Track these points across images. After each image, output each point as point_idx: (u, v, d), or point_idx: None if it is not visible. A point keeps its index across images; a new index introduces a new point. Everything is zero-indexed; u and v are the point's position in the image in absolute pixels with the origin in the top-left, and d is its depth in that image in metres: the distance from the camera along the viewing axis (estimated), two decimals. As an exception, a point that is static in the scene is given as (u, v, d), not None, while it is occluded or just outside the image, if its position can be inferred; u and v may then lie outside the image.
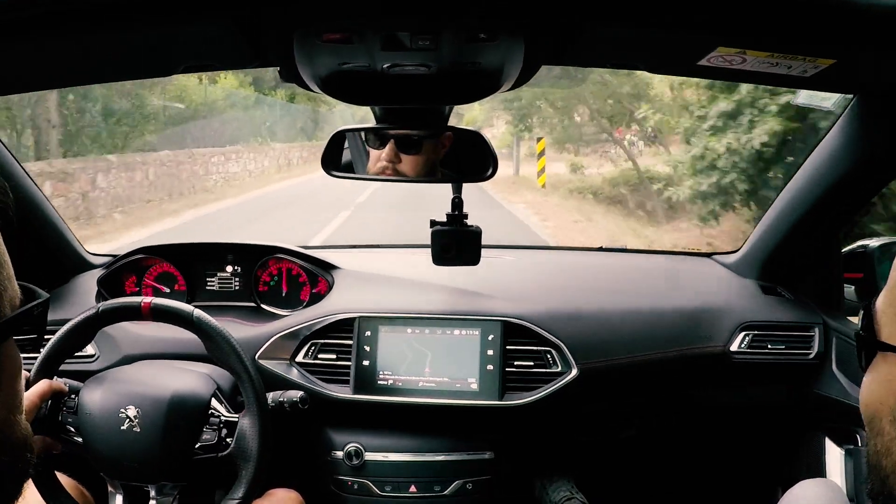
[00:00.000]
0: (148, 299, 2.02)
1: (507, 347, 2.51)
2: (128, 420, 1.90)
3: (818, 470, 2.58)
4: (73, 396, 2.02)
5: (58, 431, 1.99)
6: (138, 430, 1.90)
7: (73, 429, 1.99)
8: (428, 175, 2.25)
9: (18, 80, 1.76)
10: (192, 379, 2.10)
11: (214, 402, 2.05)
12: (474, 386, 2.47)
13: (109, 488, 2.09)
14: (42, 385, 1.95)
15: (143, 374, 2.11)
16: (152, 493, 2.02)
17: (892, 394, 1.04)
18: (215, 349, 2.03)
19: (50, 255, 2.89)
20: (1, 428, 1.07)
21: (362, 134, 2.25)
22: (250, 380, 1.99)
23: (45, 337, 2.10)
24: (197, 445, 1.97)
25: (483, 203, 17.90)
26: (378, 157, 2.23)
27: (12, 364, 1.10)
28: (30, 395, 1.90)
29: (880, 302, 1.11)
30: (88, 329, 2.05)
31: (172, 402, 1.96)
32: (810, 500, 1.79)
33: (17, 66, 1.57)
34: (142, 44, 1.51)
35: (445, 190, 2.38)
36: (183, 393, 2.00)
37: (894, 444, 1.03)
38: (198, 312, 2.03)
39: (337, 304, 2.66)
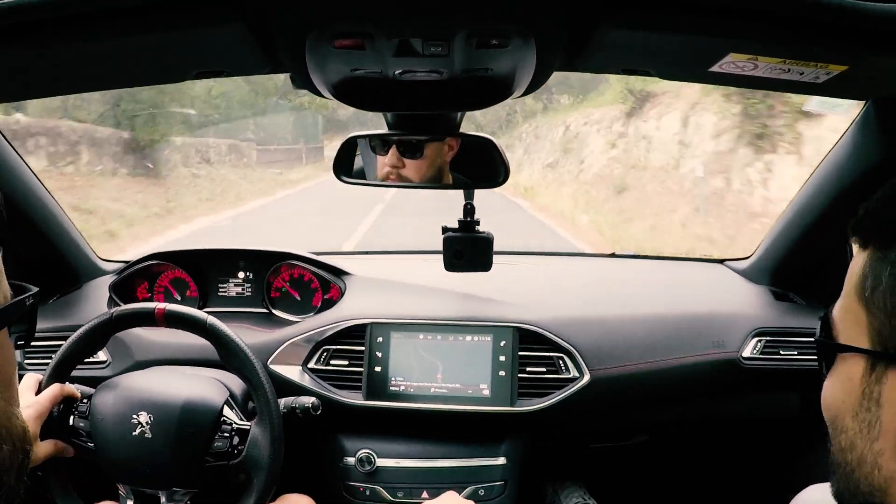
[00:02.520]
0: (162, 305, 2.02)
1: (520, 353, 2.51)
2: (140, 426, 1.90)
3: (829, 477, 2.58)
4: (84, 401, 2.02)
5: (69, 436, 1.99)
6: (150, 436, 1.90)
7: (84, 433, 1.99)
8: (435, 179, 2.25)
9: (30, 86, 1.77)
10: (204, 386, 2.09)
11: (226, 410, 2.05)
12: (486, 392, 2.47)
13: (120, 493, 2.09)
14: (53, 389, 1.96)
15: (156, 381, 2.10)
16: (163, 500, 2.03)
17: (851, 392, 1.11)
18: (229, 357, 2.03)
19: (62, 262, 2.91)
20: (0, 419, 1.08)
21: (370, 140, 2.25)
22: (263, 388, 1.99)
23: (57, 342, 2.12)
24: (208, 453, 1.96)
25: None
26: (383, 163, 2.23)
27: (6, 356, 1.11)
28: (41, 400, 1.91)
29: (836, 309, 1.18)
30: (102, 334, 2.05)
31: (184, 408, 1.96)
32: None
33: (28, 71, 1.58)
34: (154, 49, 1.51)
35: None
36: (195, 400, 2.00)
37: (857, 437, 1.09)
38: (211, 319, 2.03)
39: (349, 310, 2.67)
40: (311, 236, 15.44)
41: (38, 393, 1.95)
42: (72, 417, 2.01)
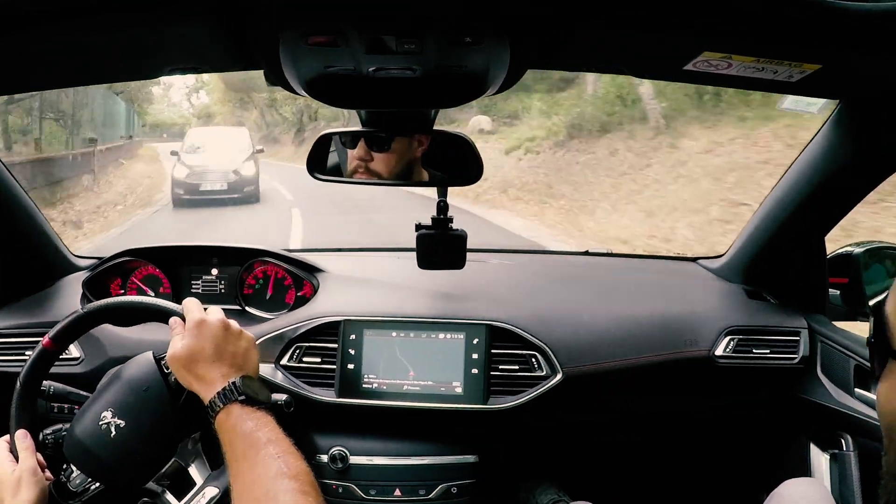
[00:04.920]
0: (46, 337, 1.99)
1: (492, 351, 2.51)
2: (111, 425, 1.87)
3: (803, 475, 2.59)
4: (65, 467, 1.97)
5: (80, 499, 1.95)
6: (123, 422, 1.87)
7: (86, 484, 1.95)
8: (406, 174, 2.24)
9: (1, 81, 1.76)
10: (132, 359, 2.04)
11: (160, 357, 2.00)
12: (459, 390, 2.47)
13: (155, 498, 2.08)
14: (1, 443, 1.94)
15: (97, 390, 2.06)
16: (183, 464, 2.04)
17: None
18: (121, 314, 2.05)
19: (35, 258, 2.89)
20: None
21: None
22: (160, 303, 2.00)
23: (30, 339, 2.08)
24: (175, 392, 1.93)
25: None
26: (352, 157, 2.23)
27: None
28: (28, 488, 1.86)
29: (891, 308, 1.08)
30: (30, 398, 2.00)
31: (128, 380, 1.93)
32: (797, 499, 1.80)
33: (1, 66, 1.57)
34: (127, 45, 1.51)
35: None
36: (131, 368, 1.97)
37: None
38: (86, 307, 2.01)
39: (322, 307, 2.67)
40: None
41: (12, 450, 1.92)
42: (67, 484, 1.96)
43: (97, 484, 1.94)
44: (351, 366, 2.52)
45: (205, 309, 1.93)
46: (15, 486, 1.81)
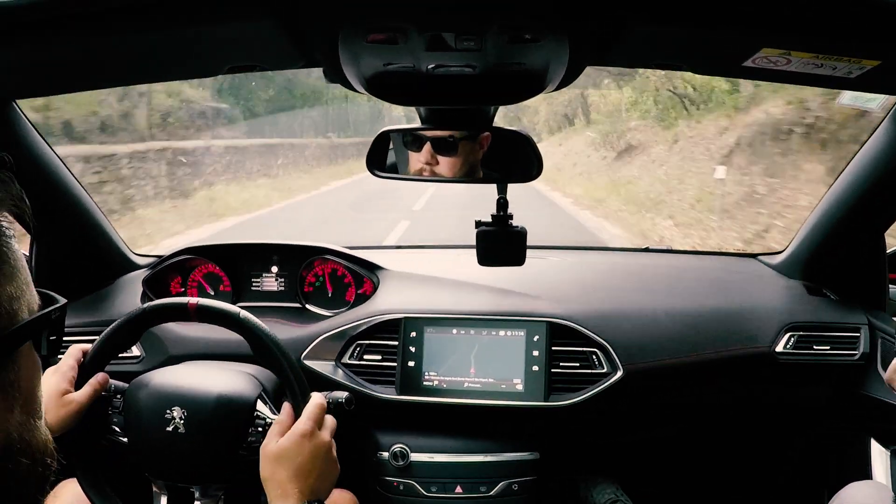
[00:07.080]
0: (194, 300, 1.97)
1: (553, 348, 2.52)
2: (173, 421, 1.88)
3: (863, 471, 2.57)
4: (118, 397, 2.00)
5: (104, 431, 1.98)
6: (183, 431, 1.88)
7: (118, 428, 1.97)
8: (469, 175, 2.25)
9: (65, 80, 1.78)
10: (237, 380, 2.07)
11: (259, 404, 2.01)
12: (520, 387, 2.48)
13: (154, 489, 2.09)
14: (74, 351, 1.96)
15: (189, 375, 2.08)
16: (197, 495, 2.02)
17: None
18: (261, 351, 1.98)
19: (95, 257, 2.93)
20: (21, 432, 1.06)
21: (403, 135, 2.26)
22: (298, 382, 1.94)
23: (90, 337, 2.10)
24: (242, 447, 1.93)
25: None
26: (416, 159, 2.24)
27: (31, 369, 1.09)
28: (82, 394, 1.89)
29: None
30: (134, 329, 2.00)
31: (218, 403, 1.94)
32: (860, 502, 1.79)
33: (64, 66, 1.59)
34: (187, 44, 1.52)
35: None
36: (228, 394, 1.98)
37: None
38: (244, 313, 1.98)
39: (382, 304, 2.68)
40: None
41: (79, 384, 1.93)
42: (106, 413, 1.98)
43: (125, 440, 1.95)
44: (411, 363, 2.53)
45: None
46: (59, 406, 1.83)
